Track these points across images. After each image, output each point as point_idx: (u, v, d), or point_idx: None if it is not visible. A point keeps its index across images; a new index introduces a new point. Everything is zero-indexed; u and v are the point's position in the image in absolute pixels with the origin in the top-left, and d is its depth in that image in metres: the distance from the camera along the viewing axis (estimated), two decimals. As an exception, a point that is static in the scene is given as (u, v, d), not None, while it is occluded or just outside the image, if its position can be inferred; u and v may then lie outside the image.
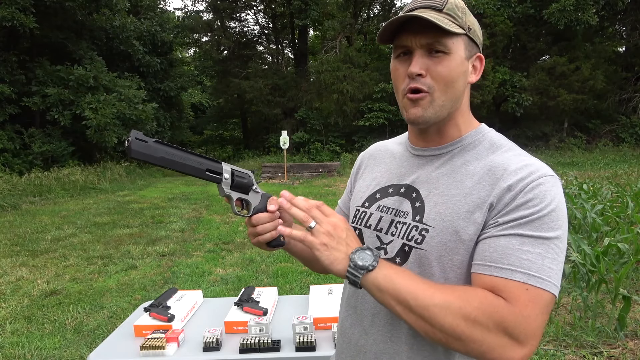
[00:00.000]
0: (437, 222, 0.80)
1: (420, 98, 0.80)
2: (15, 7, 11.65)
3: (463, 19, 0.81)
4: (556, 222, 0.73)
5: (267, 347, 1.39)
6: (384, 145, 1.06)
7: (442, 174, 0.85)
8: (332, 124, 17.83)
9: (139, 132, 0.77)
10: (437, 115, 0.82)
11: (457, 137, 0.87)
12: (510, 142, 0.86)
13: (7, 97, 12.26)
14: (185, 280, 4.41)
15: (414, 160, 0.92)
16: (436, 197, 0.83)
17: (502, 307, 0.69)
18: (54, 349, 3.10)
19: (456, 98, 0.83)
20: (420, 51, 0.79)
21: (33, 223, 7.38)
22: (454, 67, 0.80)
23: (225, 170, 0.89)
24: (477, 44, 0.84)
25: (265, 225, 0.90)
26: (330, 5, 18.42)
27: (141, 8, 18.53)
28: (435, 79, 0.79)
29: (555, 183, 0.77)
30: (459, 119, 0.87)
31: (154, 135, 17.56)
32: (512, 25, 17.03)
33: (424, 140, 0.90)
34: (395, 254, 0.85)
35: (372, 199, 0.95)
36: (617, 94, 18.12)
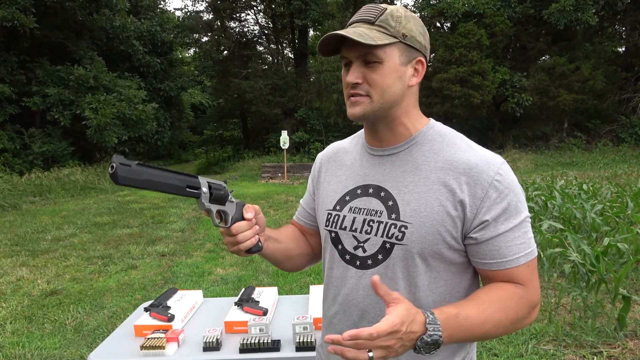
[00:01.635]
0: (414, 218, 0.87)
1: (358, 100, 0.89)
2: (15, 7, 11.65)
3: (396, 27, 0.86)
4: (523, 202, 0.87)
5: (267, 347, 1.40)
6: (342, 147, 1.11)
7: (406, 171, 0.92)
8: (332, 124, 17.83)
9: (120, 155, 0.78)
10: (375, 113, 0.89)
11: (409, 135, 0.93)
12: (456, 133, 0.95)
13: (7, 97, 12.27)
14: (185, 280, 4.41)
15: (374, 160, 0.97)
16: (407, 195, 0.89)
17: (524, 293, 0.87)
18: (54, 348, 3.10)
19: (394, 100, 0.89)
20: (357, 62, 0.88)
21: (33, 223, 7.38)
22: (388, 73, 0.87)
23: (202, 184, 0.90)
24: (417, 49, 0.89)
25: (245, 233, 0.94)
26: (330, 5, 18.43)
27: (141, 8, 18.53)
28: (371, 86, 0.87)
29: (508, 168, 0.88)
30: (404, 119, 0.93)
31: (154, 136, 17.48)
32: (512, 25, 17.03)
33: (379, 141, 0.96)
34: (376, 251, 0.91)
35: (342, 202, 1.00)
36: (617, 94, 18.11)
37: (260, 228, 0.99)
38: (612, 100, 18.11)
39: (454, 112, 16.50)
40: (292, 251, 1.12)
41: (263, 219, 1.00)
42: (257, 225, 0.98)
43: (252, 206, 0.97)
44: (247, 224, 0.94)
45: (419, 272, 0.88)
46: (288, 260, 1.13)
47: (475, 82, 15.90)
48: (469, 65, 16.04)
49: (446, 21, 18.64)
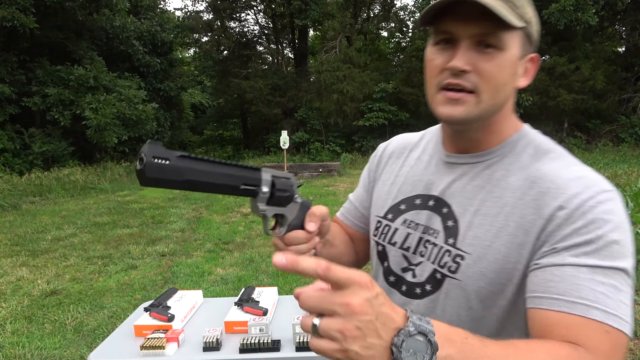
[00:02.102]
0: (474, 247, 0.69)
1: (463, 98, 0.67)
2: (15, 7, 11.65)
3: (523, 9, 0.66)
4: (627, 249, 0.61)
5: (267, 347, 1.39)
6: (410, 142, 0.91)
7: (478, 187, 0.73)
8: (332, 124, 17.83)
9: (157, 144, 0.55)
10: (479, 118, 0.69)
11: (497, 144, 0.74)
12: (559, 147, 0.73)
13: (7, 97, 12.27)
14: (185, 280, 4.41)
15: (445, 168, 0.79)
16: (471, 216, 0.71)
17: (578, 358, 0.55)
18: (54, 349, 3.10)
19: (502, 103, 0.71)
20: (468, 42, 0.65)
21: (33, 223, 7.38)
22: (506, 67, 0.67)
23: (264, 182, 0.68)
24: (532, 42, 0.71)
25: (299, 247, 0.73)
26: (330, 5, 18.42)
27: (141, 8, 18.53)
28: (483, 78, 0.66)
29: (618, 199, 0.64)
30: (500, 125, 0.74)
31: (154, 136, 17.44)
32: (512, 25, 17.02)
33: (458, 146, 0.78)
34: (425, 280, 0.75)
35: (395, 211, 0.83)
36: (617, 94, 18.11)
37: (321, 235, 0.79)
38: (612, 100, 18.11)
39: (454, 112, 16.49)
40: (343, 257, 0.93)
41: (328, 225, 0.79)
42: (319, 234, 0.77)
43: (318, 213, 0.74)
44: (306, 236, 0.73)
45: (474, 316, 0.69)
46: None
47: (475, 82, 15.91)
48: (469, 65, 16.06)
49: (446, 21, 18.61)
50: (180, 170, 0.56)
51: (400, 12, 23.14)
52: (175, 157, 0.56)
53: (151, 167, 0.54)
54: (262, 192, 0.68)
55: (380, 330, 0.45)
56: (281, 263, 0.45)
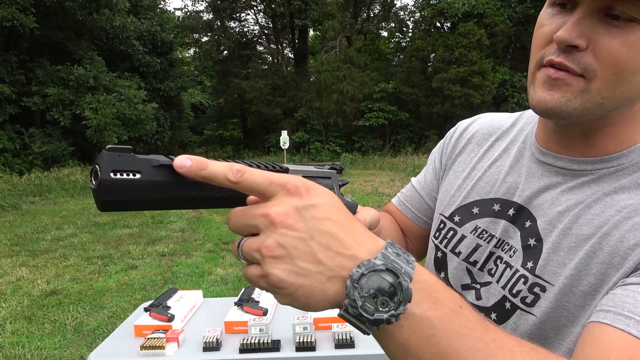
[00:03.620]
0: (558, 277, 0.53)
1: (564, 81, 0.50)
2: (15, 7, 11.65)
3: None
4: None
5: (267, 347, 1.39)
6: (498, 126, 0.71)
7: (574, 202, 0.55)
8: (332, 124, 17.85)
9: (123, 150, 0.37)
10: (585, 113, 0.50)
11: (615, 151, 0.55)
12: None
13: (7, 97, 12.27)
14: (185, 280, 4.41)
15: (538, 169, 0.61)
16: (558, 237, 0.55)
17: None
18: (54, 349, 3.10)
19: (627, 98, 0.51)
20: (589, 8, 0.47)
21: (33, 223, 7.37)
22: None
23: None
24: None
25: None
26: (330, 5, 18.45)
27: (141, 8, 18.53)
28: (601, 60, 0.48)
29: None
30: (622, 128, 0.54)
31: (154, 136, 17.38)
32: (512, 25, 17.05)
33: (559, 144, 0.59)
34: (492, 307, 0.60)
35: (466, 213, 0.67)
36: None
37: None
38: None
39: (454, 112, 16.50)
40: None
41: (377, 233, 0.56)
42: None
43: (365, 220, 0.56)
44: None
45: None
46: None
47: (475, 82, 15.91)
48: (469, 65, 16.06)
49: (446, 21, 18.65)
50: (159, 185, 0.38)
51: (400, 12, 23.17)
52: (152, 167, 0.38)
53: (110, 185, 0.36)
54: None
55: (320, 253, 0.34)
56: (185, 165, 0.35)
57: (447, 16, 17.56)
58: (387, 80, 18.37)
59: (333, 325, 1.46)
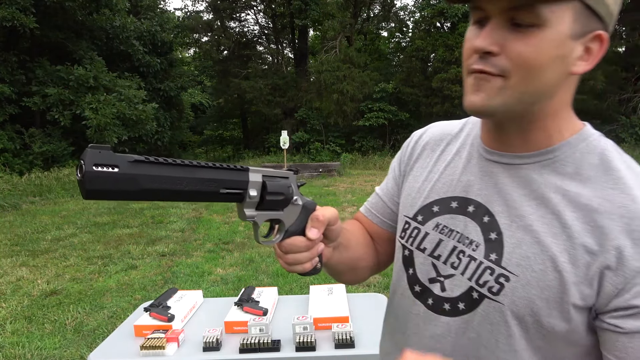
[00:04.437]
0: (523, 269, 0.59)
1: (487, 80, 0.57)
2: (15, 7, 11.65)
3: None
4: None
5: (267, 347, 1.39)
6: (448, 132, 0.78)
7: (527, 196, 0.62)
8: (332, 124, 17.84)
9: (103, 148, 0.46)
10: (508, 107, 0.58)
11: (549, 145, 0.62)
12: (625, 156, 0.62)
13: (7, 97, 12.27)
14: (185, 280, 4.41)
15: (487, 167, 0.67)
16: (521, 233, 0.61)
17: None
18: (54, 349, 3.10)
19: (541, 92, 0.58)
20: (500, 19, 0.55)
21: (33, 223, 7.38)
22: (547, 47, 0.54)
23: (252, 184, 0.59)
24: (600, 17, 0.55)
25: (298, 256, 0.65)
26: (330, 5, 18.44)
27: (141, 8, 18.54)
28: (513, 61, 0.55)
29: None
30: (548, 122, 0.61)
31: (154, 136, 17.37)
32: (512, 25, 17.03)
33: (500, 142, 0.66)
34: (458, 297, 0.66)
35: (427, 212, 0.73)
36: (617, 94, 18.12)
37: (329, 241, 0.70)
38: (612, 100, 18.13)
39: (454, 112, 16.50)
40: (359, 262, 0.83)
41: (337, 230, 0.70)
42: (326, 239, 0.69)
43: (323, 217, 0.65)
44: (306, 244, 0.64)
45: (515, 347, 0.61)
46: (351, 272, 0.83)
47: (475, 82, 15.92)
48: (469, 65, 16.07)
49: (446, 21, 18.64)
50: (133, 178, 0.47)
51: (400, 12, 23.16)
52: (127, 162, 0.47)
53: (92, 177, 0.44)
54: (250, 196, 0.59)
55: None
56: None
57: (447, 16, 17.54)
58: (387, 80, 18.36)
59: (333, 325, 1.46)
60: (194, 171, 0.53)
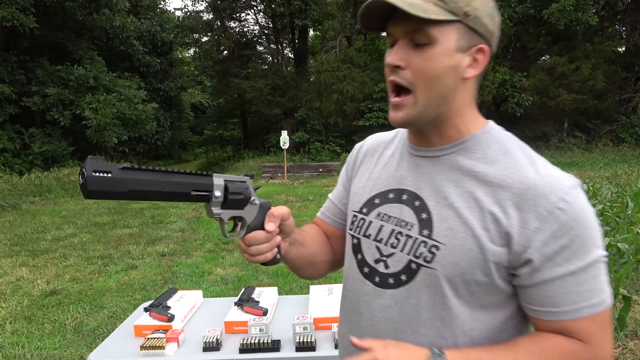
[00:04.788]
0: (449, 239, 0.72)
1: (401, 103, 0.74)
2: (15, 7, 11.65)
3: (460, 3, 0.69)
4: (597, 239, 0.68)
5: (267, 347, 1.39)
6: (383, 140, 0.95)
7: (447, 180, 0.76)
8: (332, 124, 17.82)
9: (98, 159, 0.59)
10: (421, 116, 0.74)
11: (459, 138, 0.77)
12: (521, 143, 0.78)
13: (7, 97, 12.27)
14: (185, 280, 4.41)
15: (415, 162, 0.82)
16: (445, 210, 0.74)
17: (580, 352, 0.68)
18: (54, 349, 3.10)
19: (443, 96, 0.73)
20: (403, 41, 0.71)
21: (33, 223, 7.38)
22: (438, 59, 0.69)
23: (216, 186, 0.73)
24: (480, 34, 0.72)
25: (260, 247, 0.79)
26: (330, 5, 18.44)
27: (141, 8, 18.54)
28: (415, 73, 0.71)
29: (581, 193, 0.69)
30: (456, 119, 0.76)
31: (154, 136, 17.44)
32: (512, 25, 17.04)
33: (422, 141, 0.81)
34: (400, 270, 0.78)
35: (370, 205, 0.86)
36: (617, 94, 18.12)
37: (284, 235, 0.85)
38: (612, 100, 18.13)
39: (454, 112, 16.50)
40: (316, 257, 0.97)
41: (291, 226, 0.86)
42: (282, 233, 0.84)
43: (278, 213, 0.81)
44: (265, 236, 0.79)
45: (448, 304, 0.73)
46: (310, 267, 0.97)
47: (475, 82, 15.90)
48: (469, 65, 16.05)
49: (446, 21, 18.62)
50: (122, 181, 0.60)
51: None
52: (118, 169, 0.60)
53: (92, 180, 0.57)
54: (215, 196, 0.72)
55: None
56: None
57: (447, 16, 17.55)
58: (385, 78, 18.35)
59: (333, 325, 1.46)
60: (170, 176, 0.66)
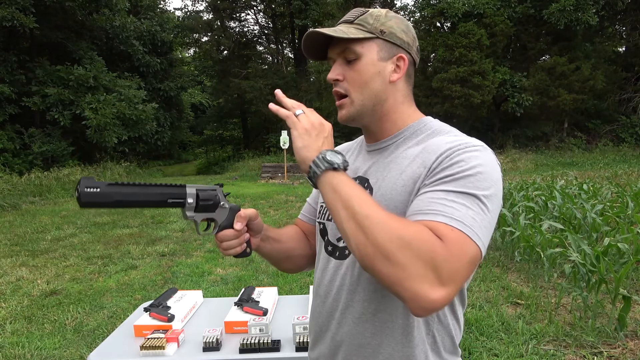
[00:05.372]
0: (381, 202, 0.83)
1: (342, 103, 0.91)
2: (15, 7, 11.65)
3: (374, 24, 0.88)
4: (483, 183, 0.75)
5: (267, 347, 1.39)
6: (345, 147, 1.13)
7: (388, 162, 0.92)
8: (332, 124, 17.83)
9: (90, 178, 0.77)
10: (359, 113, 0.91)
11: (397, 130, 0.93)
12: (453, 128, 0.91)
13: (7, 97, 12.27)
14: (185, 280, 4.41)
15: (368, 156, 0.98)
16: (380, 182, 0.90)
17: (435, 240, 0.69)
18: (54, 349, 3.10)
19: (375, 96, 0.90)
20: (339, 60, 0.90)
21: (33, 223, 7.38)
22: (365, 69, 0.88)
23: (189, 195, 0.90)
24: (398, 45, 0.89)
25: (230, 242, 0.95)
26: (330, 5, 18.45)
27: (141, 8, 18.54)
28: (350, 82, 0.89)
29: (484, 151, 0.80)
30: (392, 115, 0.93)
31: (154, 136, 17.48)
32: (512, 25, 17.04)
33: (371, 137, 0.98)
34: None
35: None
36: (617, 94, 18.13)
37: (254, 232, 1.01)
38: (612, 100, 18.13)
39: (454, 112, 16.50)
40: (292, 251, 1.12)
41: (259, 224, 1.01)
42: (251, 231, 1.00)
43: (244, 215, 0.97)
44: (234, 233, 0.95)
45: None
46: (287, 261, 1.13)
47: (475, 82, 15.90)
48: (469, 65, 16.05)
49: (446, 21, 18.65)
50: (108, 194, 0.77)
51: (400, 12, 23.14)
52: (105, 185, 0.77)
53: (84, 195, 0.75)
54: (188, 202, 0.89)
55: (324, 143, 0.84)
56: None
57: (447, 16, 17.55)
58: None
59: (333, 325, 1.46)
60: (149, 189, 0.84)
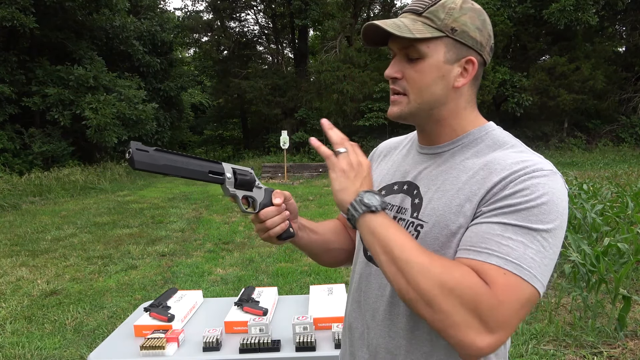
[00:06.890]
0: (431, 217, 0.80)
1: (396, 100, 0.85)
2: (15, 7, 11.64)
3: (445, 20, 0.78)
4: (547, 216, 0.69)
5: (267, 347, 1.39)
6: (395, 143, 1.07)
7: (442, 171, 0.85)
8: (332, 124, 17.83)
9: (138, 142, 0.78)
10: (413, 115, 0.85)
11: (456, 137, 0.86)
12: (516, 140, 0.84)
13: (7, 97, 12.27)
14: (185, 280, 4.41)
15: (419, 158, 0.92)
16: (432, 193, 0.83)
17: (480, 286, 0.66)
18: (54, 349, 3.10)
19: (435, 101, 0.82)
20: (400, 55, 0.83)
21: (33, 223, 7.38)
22: (428, 71, 0.80)
23: (227, 170, 0.90)
24: (469, 46, 0.80)
25: (274, 219, 0.93)
26: (330, 5, 18.45)
27: (141, 8, 18.53)
28: (409, 83, 0.82)
29: (553, 178, 0.73)
30: (452, 120, 0.85)
31: (154, 136, 17.49)
32: (512, 25, 17.03)
33: (425, 140, 0.91)
34: None
35: None
36: (617, 94, 18.12)
37: (291, 214, 0.98)
38: (612, 100, 18.12)
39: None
40: (331, 244, 1.08)
41: (294, 206, 0.99)
42: (288, 211, 0.97)
43: (281, 192, 0.96)
44: (276, 209, 0.94)
45: None
46: (326, 254, 1.09)
47: (475, 82, 15.89)
48: (469, 65, 16.04)
49: (446, 21, 18.60)
50: (157, 157, 0.79)
51: (400, 12, 23.10)
52: (153, 149, 0.79)
53: (136, 154, 0.77)
54: (227, 177, 0.89)
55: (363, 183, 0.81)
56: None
57: (447, 16, 17.52)
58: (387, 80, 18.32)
59: (333, 325, 1.46)
60: (190, 159, 0.85)
